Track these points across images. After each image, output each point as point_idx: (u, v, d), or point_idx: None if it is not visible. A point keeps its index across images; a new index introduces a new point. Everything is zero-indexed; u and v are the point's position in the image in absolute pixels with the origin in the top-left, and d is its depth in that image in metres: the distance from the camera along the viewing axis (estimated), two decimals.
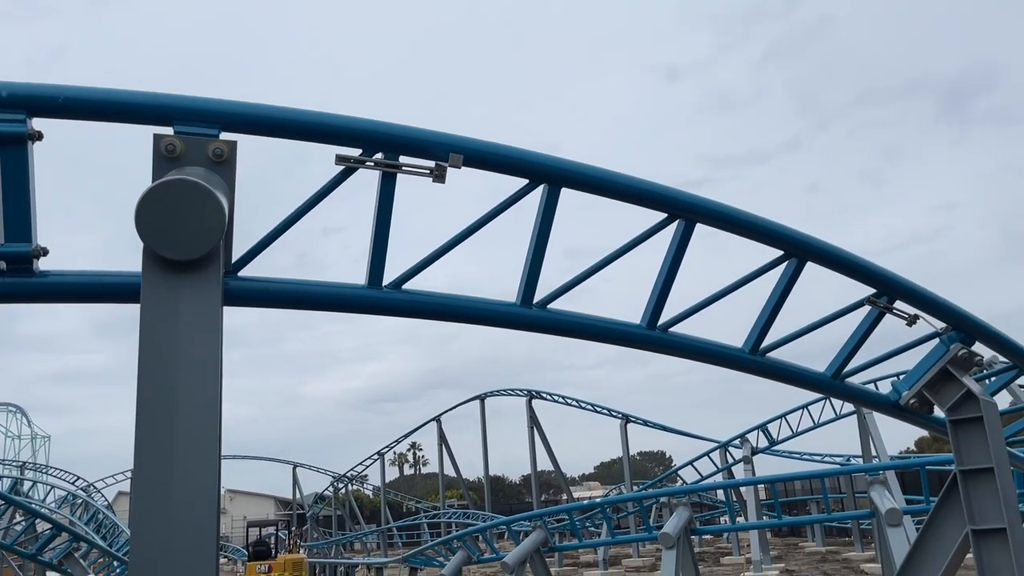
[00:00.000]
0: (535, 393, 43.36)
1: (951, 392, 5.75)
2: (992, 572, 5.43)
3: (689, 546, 15.92)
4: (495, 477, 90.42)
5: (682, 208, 4.69)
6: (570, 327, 4.61)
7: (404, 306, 4.04)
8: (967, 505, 5.58)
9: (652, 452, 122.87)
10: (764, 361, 5.45)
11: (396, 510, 71.09)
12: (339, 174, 3.85)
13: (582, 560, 38.80)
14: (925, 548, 5.90)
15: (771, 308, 5.31)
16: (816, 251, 5.12)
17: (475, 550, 20.07)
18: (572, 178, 4.26)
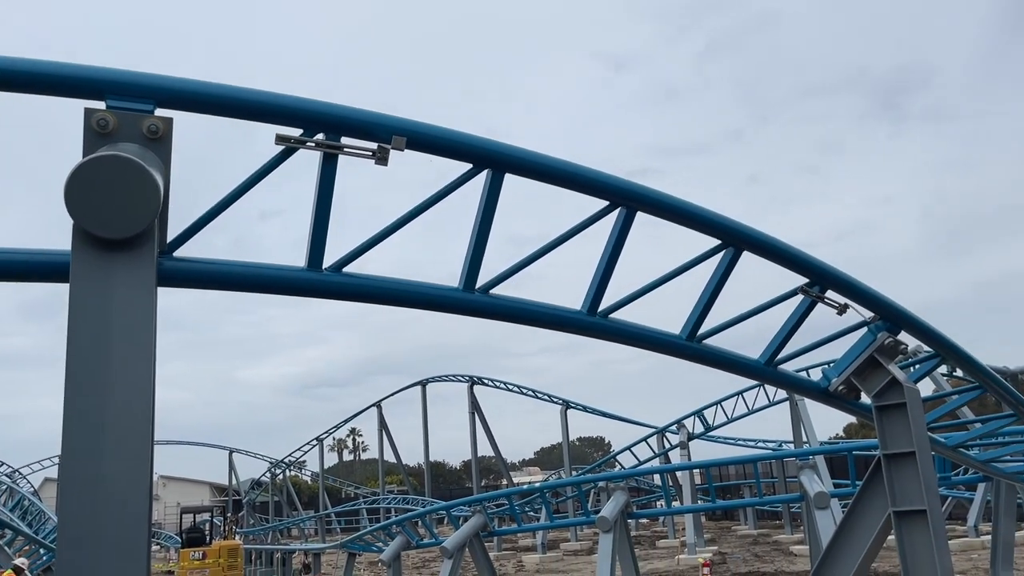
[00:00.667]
0: (477, 379, 43.45)
1: (877, 379, 5.95)
2: (912, 552, 5.66)
3: (626, 529, 16.19)
4: (435, 463, 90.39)
5: (623, 196, 4.74)
6: (512, 312, 4.62)
7: (344, 289, 4.00)
8: (890, 488, 5.80)
9: (592, 438, 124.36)
10: (700, 347, 5.56)
11: (335, 496, 70.47)
12: (279, 154, 3.78)
13: (521, 544, 39.14)
14: (850, 529, 6.12)
15: (708, 296, 5.42)
16: (752, 241, 5.23)
17: (414, 535, 20.07)
18: (515, 164, 4.27)
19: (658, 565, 25.34)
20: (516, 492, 22.84)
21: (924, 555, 5.61)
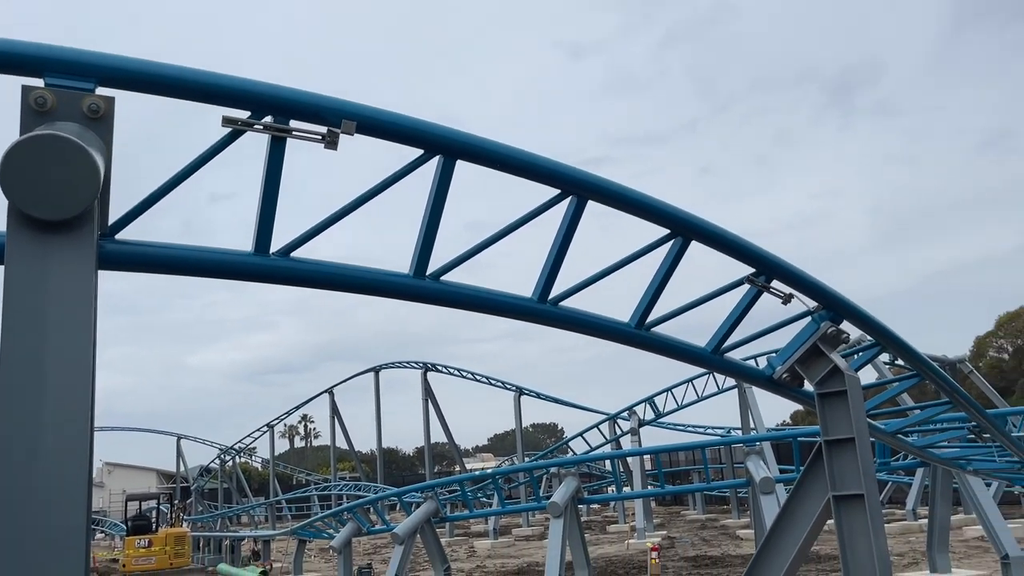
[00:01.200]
0: (430, 366, 43.38)
1: (820, 367, 6.10)
2: (850, 534, 5.83)
3: (576, 515, 16.38)
4: (388, 449, 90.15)
5: (574, 185, 4.76)
6: (462, 299, 4.63)
7: (291, 274, 3.95)
8: (830, 473, 5.96)
9: (545, 424, 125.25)
10: (649, 335, 5.63)
11: (286, 483, 69.85)
12: (226, 137, 3.71)
13: (473, 530, 39.31)
14: (791, 513, 6.28)
15: (657, 284, 5.48)
16: (700, 231, 5.31)
17: (365, 522, 20.01)
18: (467, 150, 4.26)
19: (608, 550, 25.68)
20: (468, 478, 22.91)
21: (861, 538, 5.78)
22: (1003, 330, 61.14)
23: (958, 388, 7.48)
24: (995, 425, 7.92)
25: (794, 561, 6.22)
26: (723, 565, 19.44)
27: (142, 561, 22.16)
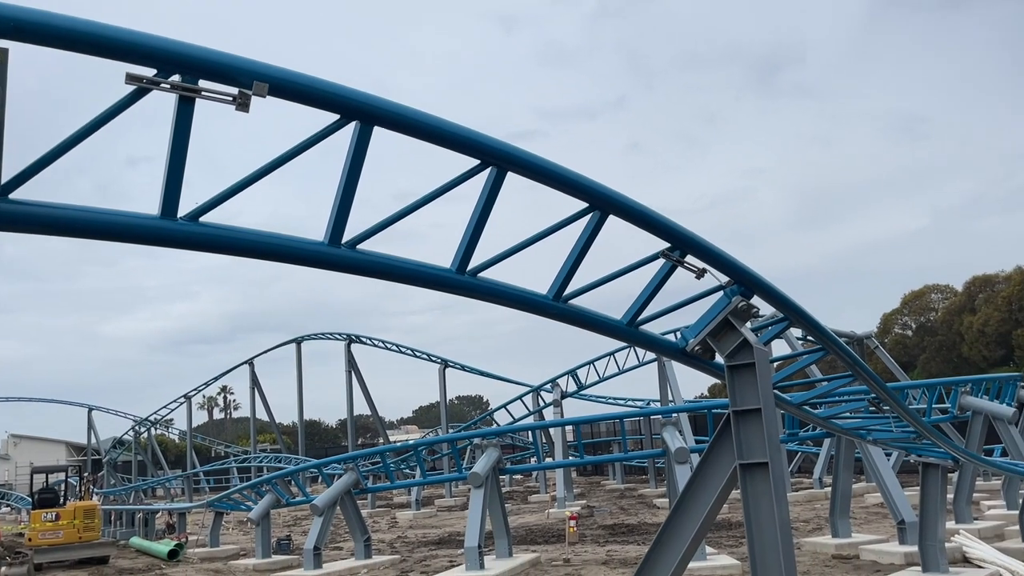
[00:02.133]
0: (354, 337, 42.92)
1: (730, 340, 6.29)
2: (755, 501, 6.07)
3: (497, 485, 16.56)
4: (311, 421, 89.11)
5: (494, 156, 4.75)
6: (378, 268, 4.58)
7: (200, 240, 3.84)
8: (737, 442, 6.17)
9: (470, 396, 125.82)
10: (566, 308, 5.70)
11: (204, 455, 68.39)
12: (130, 95, 3.56)
13: (396, 501, 39.36)
14: (700, 480, 6.49)
15: (575, 257, 5.55)
16: (617, 205, 5.38)
17: (285, 493, 19.80)
18: (384, 117, 4.20)
19: (529, 519, 26.08)
20: (390, 449, 22.89)
21: (765, 504, 6.02)
22: (908, 308, 64.13)
23: (859, 361, 7.82)
24: (892, 396, 8.32)
25: (702, 526, 6.45)
26: (639, 533, 19.99)
27: (49, 535, 21.42)
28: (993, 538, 14.51)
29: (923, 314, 62.90)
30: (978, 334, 53.48)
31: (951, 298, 60.45)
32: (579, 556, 16.43)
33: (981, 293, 56.88)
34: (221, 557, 21.07)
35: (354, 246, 4.47)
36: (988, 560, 11.80)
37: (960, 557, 12.52)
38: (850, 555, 14.44)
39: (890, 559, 13.30)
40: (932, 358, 57.20)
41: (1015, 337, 51.34)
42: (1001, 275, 56.48)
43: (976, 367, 50.60)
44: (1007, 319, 52.25)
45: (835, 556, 14.58)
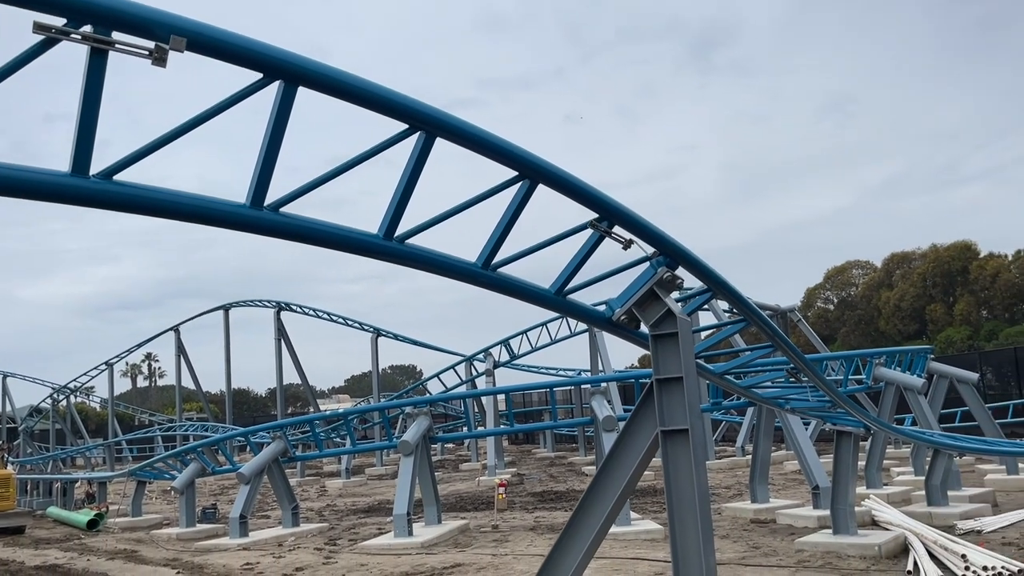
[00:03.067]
0: (284, 305, 42.22)
1: (655, 310, 6.41)
2: (675, 465, 6.23)
3: (427, 453, 16.61)
4: (239, 390, 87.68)
5: (422, 121, 4.70)
6: (302, 232, 4.50)
7: (113, 199, 3.70)
8: (659, 409, 6.32)
9: (403, 366, 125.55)
10: (495, 276, 5.72)
11: (127, 424, 66.67)
12: (38, 45, 3.40)
13: (326, 470, 39.15)
14: (624, 445, 6.64)
15: (504, 226, 5.55)
16: (547, 174, 5.39)
17: (211, 462, 19.48)
18: (309, 77, 4.10)
19: (460, 487, 26.28)
20: (319, 418, 22.72)
21: (684, 470, 6.20)
22: (830, 283, 66.34)
23: (779, 332, 8.08)
24: (809, 366, 8.63)
25: (625, 489, 6.61)
26: (567, 499, 20.36)
27: None
28: (901, 503, 15.27)
29: (844, 289, 65.18)
30: (894, 309, 55.72)
31: (871, 274, 62.74)
32: (507, 523, 16.66)
33: (898, 269, 59.21)
34: (144, 527, 20.67)
35: (277, 209, 4.38)
36: (895, 523, 12.41)
37: (869, 520, 13.13)
38: (767, 519, 15.02)
39: (804, 523, 13.88)
40: (852, 331, 59.41)
41: (928, 312, 53.67)
42: (917, 252, 58.84)
43: (892, 340, 52.81)
44: (922, 295, 54.55)
45: (753, 520, 15.14)
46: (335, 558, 13.65)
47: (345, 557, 13.69)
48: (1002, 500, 15.67)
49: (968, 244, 55.08)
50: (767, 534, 13.52)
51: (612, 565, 11.38)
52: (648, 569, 11.03)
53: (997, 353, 38.12)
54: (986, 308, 51.86)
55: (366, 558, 13.44)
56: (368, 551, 14.16)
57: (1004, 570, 9.32)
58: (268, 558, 14.05)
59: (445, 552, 13.57)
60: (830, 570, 10.29)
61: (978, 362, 34.43)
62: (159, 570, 13.71)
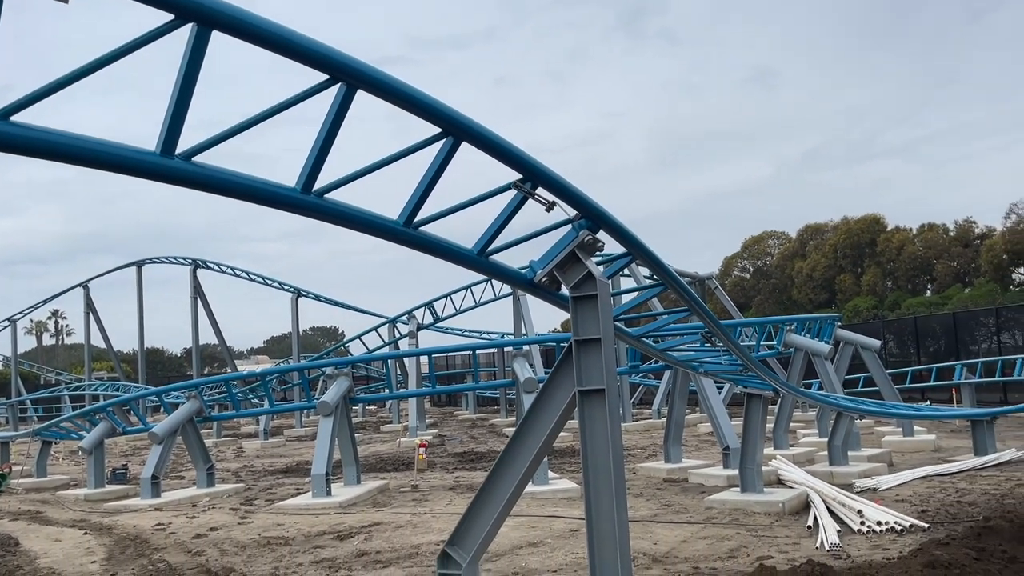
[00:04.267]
0: (200, 262, 40.96)
1: (575, 272, 6.48)
2: (591, 424, 6.36)
3: (347, 414, 16.51)
4: (153, 349, 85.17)
5: (343, 72, 4.57)
6: (215, 182, 4.35)
7: (7, 141, 3.49)
8: (577, 370, 6.42)
9: (324, 328, 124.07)
10: (417, 234, 5.66)
11: (31, 383, 64.07)
12: None
13: (244, 431, 38.53)
14: (542, 405, 6.73)
15: (427, 183, 5.49)
16: (470, 132, 5.34)
17: (121, 422, 18.90)
18: (223, 21, 3.92)
19: (380, 448, 26.26)
20: (236, 377, 22.27)
21: (600, 429, 6.33)
22: (747, 252, 68.25)
23: (695, 297, 8.28)
24: (722, 330, 8.88)
25: (543, 447, 6.72)
26: (487, 460, 20.59)
27: None
28: (805, 463, 15.98)
29: (760, 258, 67.19)
30: (807, 278, 57.78)
31: (786, 244, 64.81)
32: (427, 482, 16.77)
33: (812, 240, 61.31)
34: (49, 487, 19.98)
35: (189, 158, 4.22)
36: (799, 481, 12.99)
37: (775, 479, 13.71)
38: (680, 479, 15.52)
39: (714, 481, 14.40)
40: (766, 299, 61.40)
41: (838, 282, 55.85)
42: (830, 224, 61.00)
43: (804, 308, 54.84)
44: (832, 265, 56.69)
45: (666, 480, 15.63)
46: (251, 518, 13.51)
47: (261, 517, 13.56)
48: (897, 460, 16.59)
49: (877, 217, 57.38)
50: (679, 492, 13.98)
51: (529, 523, 11.60)
52: (564, 526, 11.29)
53: (899, 322, 40.06)
54: (891, 279, 54.28)
55: (283, 518, 13.35)
56: (285, 511, 14.05)
57: (896, 525, 9.89)
58: (181, 519, 13.80)
59: (364, 512, 13.58)
60: (737, 526, 10.73)
61: (881, 330, 36.18)
62: (65, 531, 13.31)
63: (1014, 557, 6.90)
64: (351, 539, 11.25)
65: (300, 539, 11.43)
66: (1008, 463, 15.27)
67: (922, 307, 44.52)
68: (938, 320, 37.69)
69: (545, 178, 5.96)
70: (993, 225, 50.44)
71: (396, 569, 9.28)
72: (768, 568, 5.59)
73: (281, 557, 10.29)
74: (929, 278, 52.90)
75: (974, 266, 49.60)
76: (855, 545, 9.24)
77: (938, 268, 51.00)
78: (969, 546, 7.00)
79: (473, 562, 6.86)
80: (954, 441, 19.59)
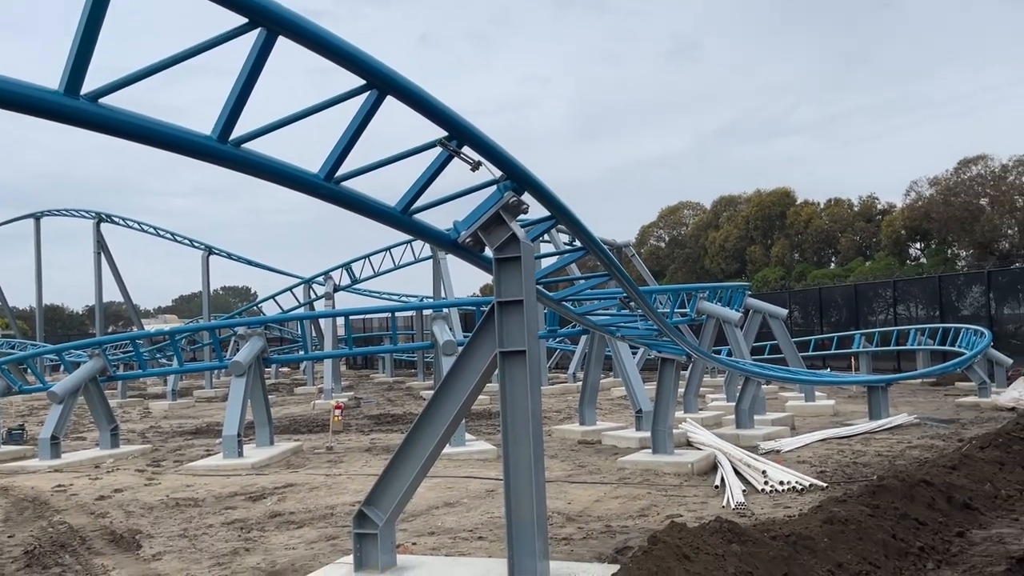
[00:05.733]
0: (104, 216, 39.11)
1: (499, 234, 6.45)
2: (511, 385, 6.38)
3: (260, 374, 16.16)
4: (52, 306, 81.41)
5: (264, 16, 4.36)
6: (124, 126, 4.10)
7: None
8: (499, 331, 6.43)
9: (236, 287, 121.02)
10: (338, 189, 5.51)
11: None
12: None
13: (151, 392, 37.35)
14: (463, 365, 6.72)
15: (349, 137, 5.33)
16: (396, 85, 5.19)
17: (17, 380, 18.02)
18: None
19: (294, 410, 25.89)
20: (142, 336, 21.48)
21: (520, 390, 6.36)
22: (663, 222, 69.60)
23: (615, 262, 8.38)
24: (640, 296, 9.04)
25: (463, 407, 6.72)
26: (404, 422, 20.55)
27: None
28: (713, 425, 16.54)
29: (676, 228, 68.62)
30: (719, 248, 59.38)
31: (700, 215, 66.31)
32: (342, 444, 16.63)
33: (725, 212, 62.92)
34: None
35: (96, 99, 3.97)
36: (706, 443, 13.44)
37: (685, 441, 14.14)
38: (593, 440, 15.85)
39: (627, 443, 14.76)
40: (680, 268, 62.88)
41: (748, 253, 57.60)
42: (743, 197, 62.68)
43: (715, 278, 56.44)
44: (744, 236, 58.39)
45: (581, 441, 15.93)
46: (158, 479, 13.14)
47: (170, 478, 13.21)
48: (799, 424, 17.35)
49: (787, 191, 59.25)
50: (593, 454, 14.28)
51: (445, 483, 11.65)
52: (480, 487, 11.39)
53: (804, 292, 41.69)
54: (798, 251, 56.30)
55: (192, 479, 13.03)
56: (195, 472, 13.72)
57: (797, 484, 10.36)
58: (83, 480, 13.31)
59: (277, 473, 13.38)
60: (648, 486, 11.04)
61: (787, 300, 37.57)
62: None
63: (905, 514, 7.32)
64: (264, 500, 11.07)
65: (211, 500, 11.18)
66: (900, 427, 16.17)
67: (826, 279, 46.41)
68: (840, 291, 39.39)
69: (472, 137, 5.87)
70: (894, 202, 52.80)
71: (310, 529, 9.19)
72: (679, 524, 5.77)
73: (191, 519, 10.05)
74: (834, 251, 55.10)
75: (875, 240, 51.90)
76: (759, 504, 9.64)
77: (842, 241, 53.14)
78: (864, 503, 7.37)
79: (390, 522, 6.85)
80: (851, 406, 20.60)
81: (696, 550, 5.32)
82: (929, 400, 22.01)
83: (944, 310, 32.16)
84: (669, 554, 5.12)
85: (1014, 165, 43.77)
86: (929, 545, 6.88)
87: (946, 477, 8.65)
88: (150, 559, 8.14)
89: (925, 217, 45.55)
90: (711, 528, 5.86)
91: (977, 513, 8.01)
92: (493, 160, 6.21)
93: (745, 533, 5.95)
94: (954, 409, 19.61)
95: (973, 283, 33.60)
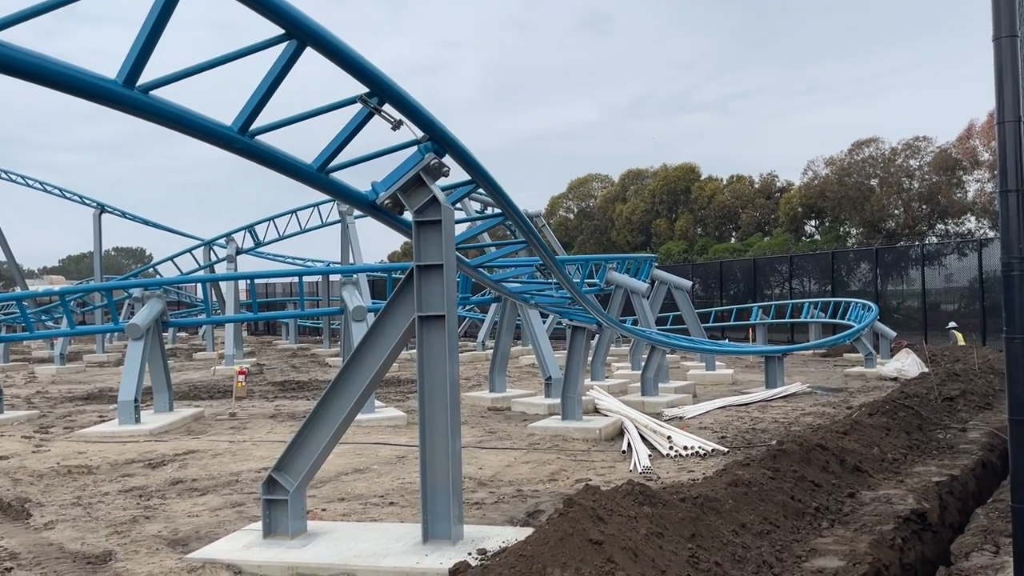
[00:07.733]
0: None
1: (420, 196, 6.34)
2: (429, 351, 6.33)
3: (159, 338, 15.54)
4: None
5: None
6: (17, 65, 3.80)
7: None
8: (418, 295, 6.34)
9: (131, 248, 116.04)
10: (252, 143, 5.28)
11: None
12: None
13: (36, 356, 35.42)
14: (380, 329, 6.61)
15: (265, 88, 5.11)
16: (316, 36, 4.99)
17: None
18: None
19: (193, 376, 25.04)
20: (28, 296, 20.29)
21: (438, 355, 6.32)
22: (572, 193, 70.25)
23: (532, 229, 8.38)
24: (556, 263, 9.10)
25: (379, 371, 6.62)
26: (309, 389, 20.19)
27: None
28: (619, 393, 16.91)
29: (584, 200, 69.38)
30: (626, 221, 60.42)
31: (608, 188, 67.21)
32: (246, 411, 16.20)
33: (633, 185, 64.00)
34: None
35: None
36: (613, 410, 13.73)
37: (592, 408, 14.41)
38: (503, 407, 15.96)
39: (536, 410, 14.93)
40: (588, 239, 63.72)
41: (654, 226, 58.86)
42: (650, 171, 63.85)
43: (621, 250, 57.44)
44: (650, 210, 59.58)
45: (491, 408, 16.02)
46: (47, 446, 12.48)
47: (60, 445, 12.57)
48: (701, 392, 17.95)
49: (692, 167, 60.64)
50: (503, 420, 14.38)
51: (355, 450, 11.51)
52: (390, 453, 11.31)
53: (705, 266, 42.98)
54: (701, 225, 57.89)
55: (85, 446, 12.44)
56: (88, 439, 13.10)
57: (700, 449, 10.73)
58: None
59: (177, 440, 12.92)
60: (557, 451, 11.20)
61: (690, 272, 38.67)
62: None
63: (803, 476, 7.68)
64: (164, 467, 10.68)
65: (106, 467, 10.70)
66: (794, 395, 16.96)
67: (727, 253, 47.94)
68: (740, 265, 40.80)
69: (394, 95, 5.73)
70: (792, 180, 54.80)
71: (214, 496, 8.92)
72: (593, 487, 5.87)
73: (84, 486, 9.59)
74: (735, 226, 56.87)
75: (774, 216, 53.82)
76: (664, 468, 9.93)
77: (743, 217, 54.89)
78: (765, 467, 7.68)
79: (301, 488, 6.71)
80: (749, 375, 21.45)
81: (610, 512, 5.42)
82: (820, 370, 23.15)
83: (836, 285, 33.79)
84: (584, 516, 5.20)
85: (902, 149, 46.05)
86: (824, 505, 7.24)
87: (839, 442, 9.10)
88: (42, 528, 7.73)
89: (820, 195, 47.47)
90: (623, 491, 5.98)
91: (867, 475, 8.47)
92: (415, 120, 6.08)
93: (656, 495, 6.10)
94: (843, 379, 20.70)
95: (862, 260, 35.40)
